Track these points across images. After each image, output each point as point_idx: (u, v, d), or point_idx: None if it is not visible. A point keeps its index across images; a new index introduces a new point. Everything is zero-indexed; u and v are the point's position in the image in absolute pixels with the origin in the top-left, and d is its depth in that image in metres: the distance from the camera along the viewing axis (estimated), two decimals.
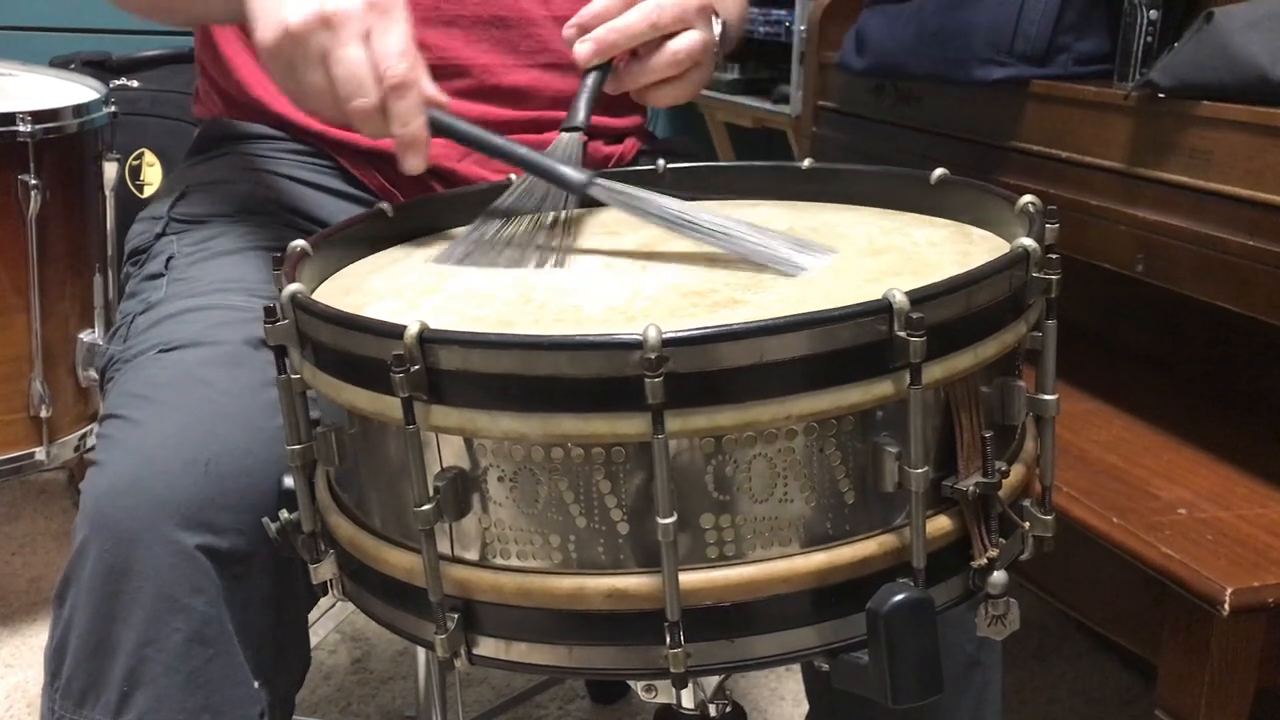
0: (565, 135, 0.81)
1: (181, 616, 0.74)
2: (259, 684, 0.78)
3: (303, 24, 0.70)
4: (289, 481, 0.64)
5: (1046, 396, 0.61)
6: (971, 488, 0.56)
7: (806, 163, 0.84)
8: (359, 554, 0.61)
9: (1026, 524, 0.61)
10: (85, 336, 1.65)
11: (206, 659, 0.75)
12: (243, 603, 0.76)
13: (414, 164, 0.73)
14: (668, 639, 0.53)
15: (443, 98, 0.75)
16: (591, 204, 0.77)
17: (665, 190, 0.74)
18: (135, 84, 2.04)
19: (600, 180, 0.74)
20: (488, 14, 0.98)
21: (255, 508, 0.74)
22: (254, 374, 0.80)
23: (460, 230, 0.79)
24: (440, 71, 0.97)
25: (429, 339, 0.52)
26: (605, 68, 0.83)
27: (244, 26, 0.76)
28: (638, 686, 0.61)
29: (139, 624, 0.73)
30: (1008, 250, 0.59)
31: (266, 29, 0.72)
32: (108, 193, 1.66)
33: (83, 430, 1.67)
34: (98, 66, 2.08)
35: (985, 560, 0.58)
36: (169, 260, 0.93)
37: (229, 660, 0.76)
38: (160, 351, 0.83)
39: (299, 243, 0.68)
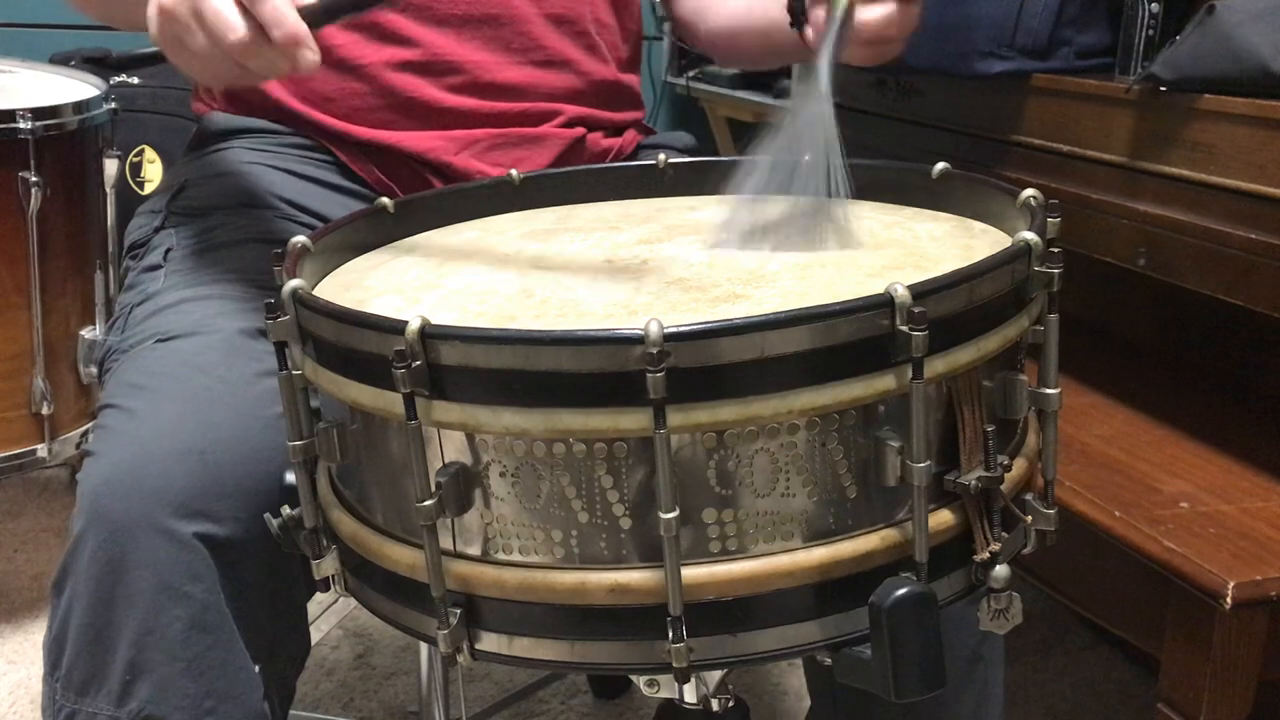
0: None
1: (181, 605, 0.74)
2: (259, 668, 0.78)
3: None
4: (291, 477, 0.64)
5: (1049, 390, 0.61)
6: (974, 482, 0.56)
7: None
8: (361, 549, 0.61)
9: (1029, 518, 0.61)
10: (86, 333, 1.65)
11: (207, 646, 0.75)
12: (241, 589, 0.76)
13: (307, 60, 0.68)
14: (670, 634, 0.53)
15: None
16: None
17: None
18: (135, 81, 2.04)
19: None
20: (479, 13, 0.98)
21: (251, 495, 0.74)
22: (250, 363, 0.80)
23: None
24: (433, 68, 0.97)
25: (430, 334, 0.52)
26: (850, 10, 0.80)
27: None
28: (640, 681, 0.61)
29: (139, 613, 0.74)
30: (1010, 244, 0.59)
31: (151, 23, 0.71)
32: (108, 189, 1.66)
33: (84, 427, 1.67)
34: (98, 63, 2.08)
35: (987, 554, 0.58)
36: (167, 252, 0.93)
37: (229, 646, 0.76)
38: (157, 341, 0.83)
39: (300, 239, 0.67)
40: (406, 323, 0.52)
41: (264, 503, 0.71)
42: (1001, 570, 0.58)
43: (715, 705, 0.63)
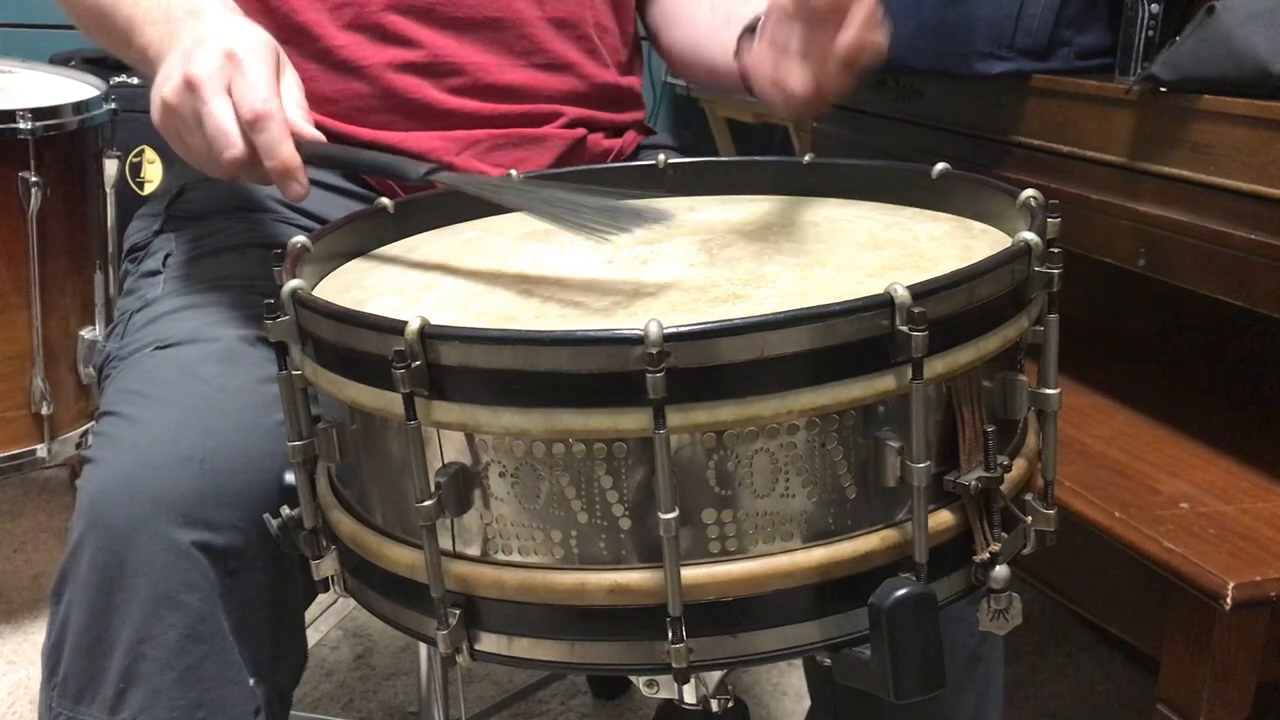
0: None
1: (177, 613, 0.74)
2: (255, 681, 0.78)
3: (173, 94, 0.73)
4: (290, 478, 0.64)
5: (1048, 391, 0.61)
6: (973, 482, 0.56)
7: (807, 157, 0.83)
8: (361, 550, 0.61)
9: (1028, 518, 0.61)
10: (86, 333, 1.65)
11: (201, 656, 0.75)
12: (238, 599, 0.76)
13: (294, 192, 0.73)
14: (670, 634, 0.53)
15: (308, 129, 0.74)
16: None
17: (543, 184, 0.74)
18: (135, 81, 2.04)
19: (441, 173, 0.75)
20: (482, 15, 0.98)
21: (251, 504, 0.74)
22: (250, 370, 0.80)
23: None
24: (435, 69, 0.98)
25: (430, 334, 0.52)
26: None
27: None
28: (640, 682, 0.61)
29: (134, 621, 0.74)
30: (1009, 244, 0.59)
31: (154, 108, 0.75)
32: (108, 190, 1.66)
33: (84, 427, 1.67)
34: (98, 64, 2.07)
35: (987, 555, 0.58)
36: (166, 258, 0.93)
37: (224, 657, 0.76)
38: (157, 348, 0.83)
39: (299, 239, 0.68)
40: (406, 323, 0.52)
41: (263, 511, 0.70)
42: (1001, 571, 0.58)
43: (715, 706, 0.63)
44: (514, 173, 0.85)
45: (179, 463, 0.74)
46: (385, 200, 0.78)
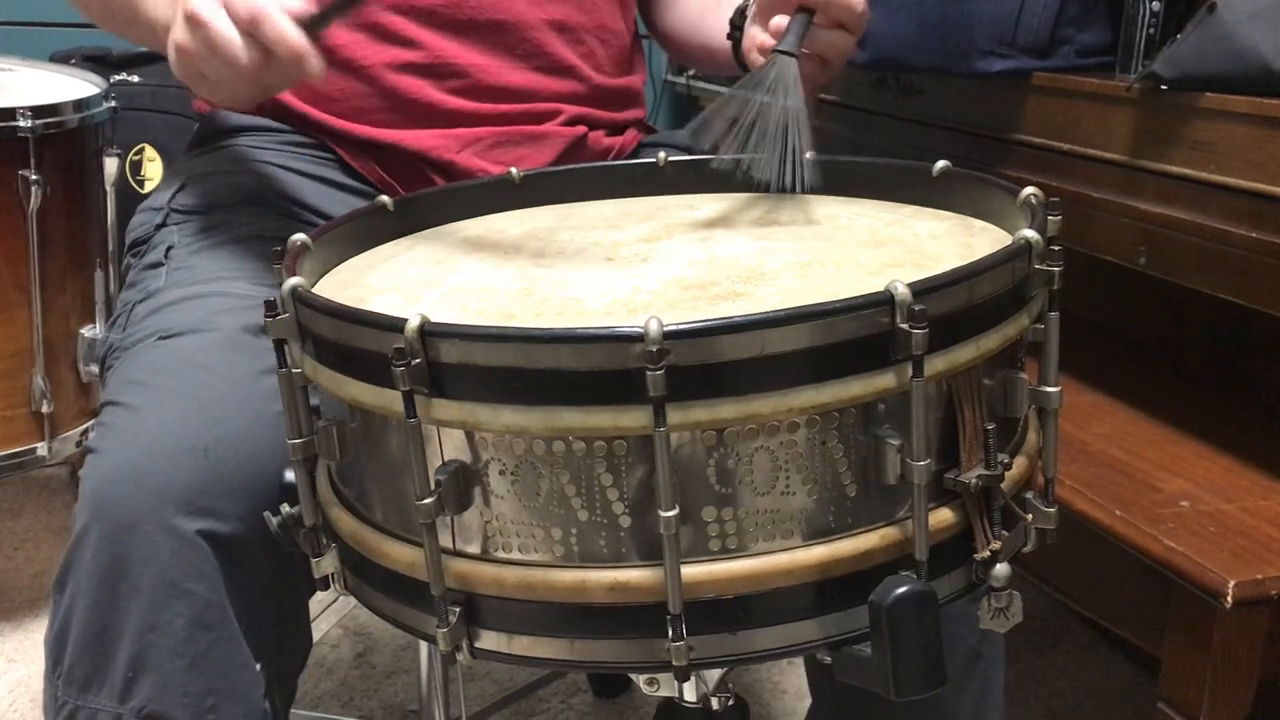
0: (781, 58, 0.81)
1: (183, 602, 0.74)
2: (261, 666, 0.78)
3: (181, 34, 0.76)
4: (290, 475, 0.64)
5: (1049, 389, 0.61)
6: (974, 480, 0.56)
7: (808, 155, 0.83)
8: (361, 548, 0.61)
9: (1029, 516, 0.61)
10: (86, 332, 1.65)
11: (209, 643, 0.75)
12: (243, 587, 0.76)
13: (313, 69, 0.74)
14: (670, 632, 0.53)
15: (300, 4, 0.75)
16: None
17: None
18: (136, 79, 2.04)
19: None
20: (483, 18, 0.99)
21: (255, 493, 0.74)
22: (253, 360, 0.80)
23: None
24: (436, 70, 0.98)
25: (430, 332, 0.52)
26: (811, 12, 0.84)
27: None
28: (640, 680, 0.61)
29: (141, 610, 0.74)
30: (1010, 242, 0.59)
31: (173, 62, 0.78)
32: (108, 188, 1.66)
33: (84, 425, 1.67)
34: (98, 61, 2.08)
35: (988, 553, 0.58)
36: (169, 250, 0.93)
37: (231, 644, 0.76)
38: (159, 339, 0.83)
39: (299, 236, 0.68)
40: (406, 320, 0.52)
41: (267, 500, 0.71)
42: (1002, 569, 0.58)
43: (715, 704, 0.63)
44: (514, 170, 0.85)
45: (183, 452, 0.75)
46: (385, 198, 0.78)
